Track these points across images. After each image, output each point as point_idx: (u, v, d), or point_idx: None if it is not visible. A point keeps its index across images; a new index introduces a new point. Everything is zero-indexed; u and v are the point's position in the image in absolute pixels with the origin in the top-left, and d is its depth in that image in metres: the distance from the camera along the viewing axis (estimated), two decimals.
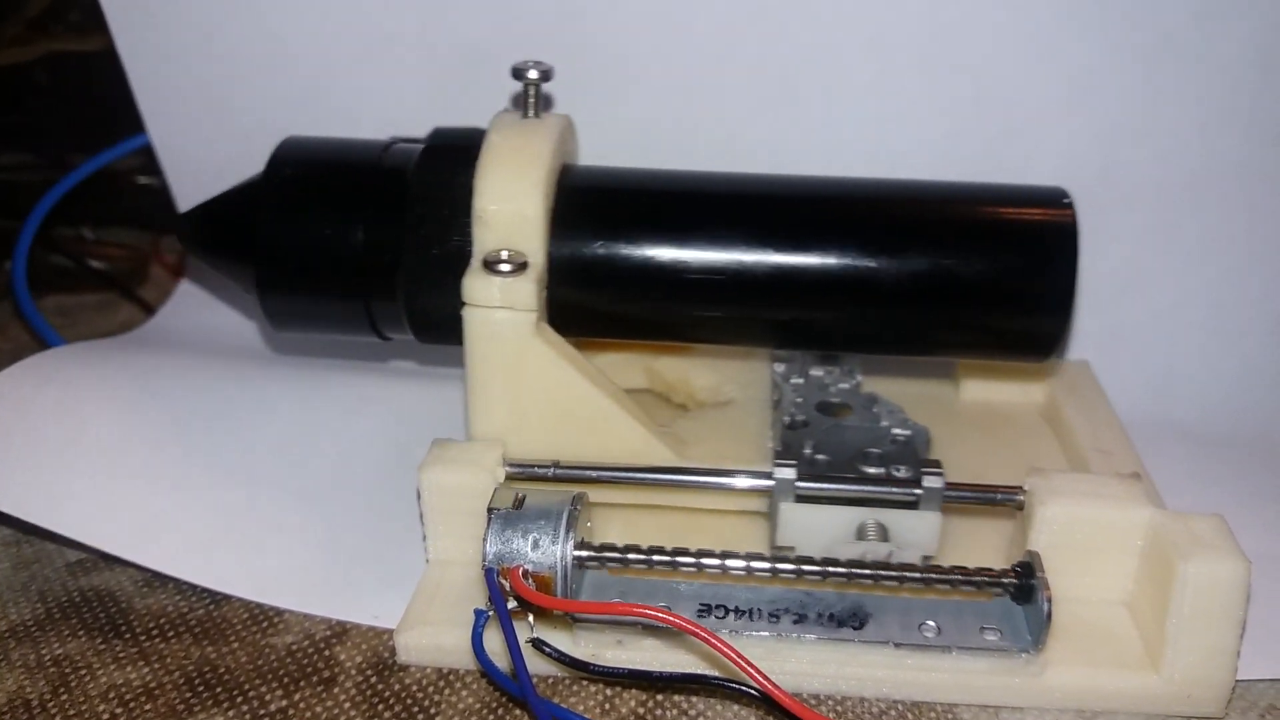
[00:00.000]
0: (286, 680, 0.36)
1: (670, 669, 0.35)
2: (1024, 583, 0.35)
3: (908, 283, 0.39)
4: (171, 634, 0.38)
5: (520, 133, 0.40)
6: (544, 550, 0.34)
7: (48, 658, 0.37)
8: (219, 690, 0.35)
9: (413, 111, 0.45)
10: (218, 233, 0.45)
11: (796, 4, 0.48)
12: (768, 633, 0.35)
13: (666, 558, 0.36)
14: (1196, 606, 0.34)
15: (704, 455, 0.41)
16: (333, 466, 0.45)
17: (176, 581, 0.40)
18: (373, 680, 0.36)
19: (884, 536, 0.37)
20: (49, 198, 0.56)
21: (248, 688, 0.36)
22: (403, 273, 0.41)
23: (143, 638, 0.38)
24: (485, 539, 0.34)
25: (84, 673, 0.36)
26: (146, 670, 0.36)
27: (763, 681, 0.31)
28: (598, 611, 0.34)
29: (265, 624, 0.38)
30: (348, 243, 0.42)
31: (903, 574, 0.35)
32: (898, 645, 0.35)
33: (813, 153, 0.50)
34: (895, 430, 0.40)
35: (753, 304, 0.40)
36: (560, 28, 0.50)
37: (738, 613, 0.36)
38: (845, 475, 0.38)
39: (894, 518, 0.37)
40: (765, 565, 0.35)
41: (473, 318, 0.38)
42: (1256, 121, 0.49)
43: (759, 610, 0.36)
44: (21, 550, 0.42)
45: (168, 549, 0.40)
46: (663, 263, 0.40)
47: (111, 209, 0.65)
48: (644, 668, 0.35)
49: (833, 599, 0.36)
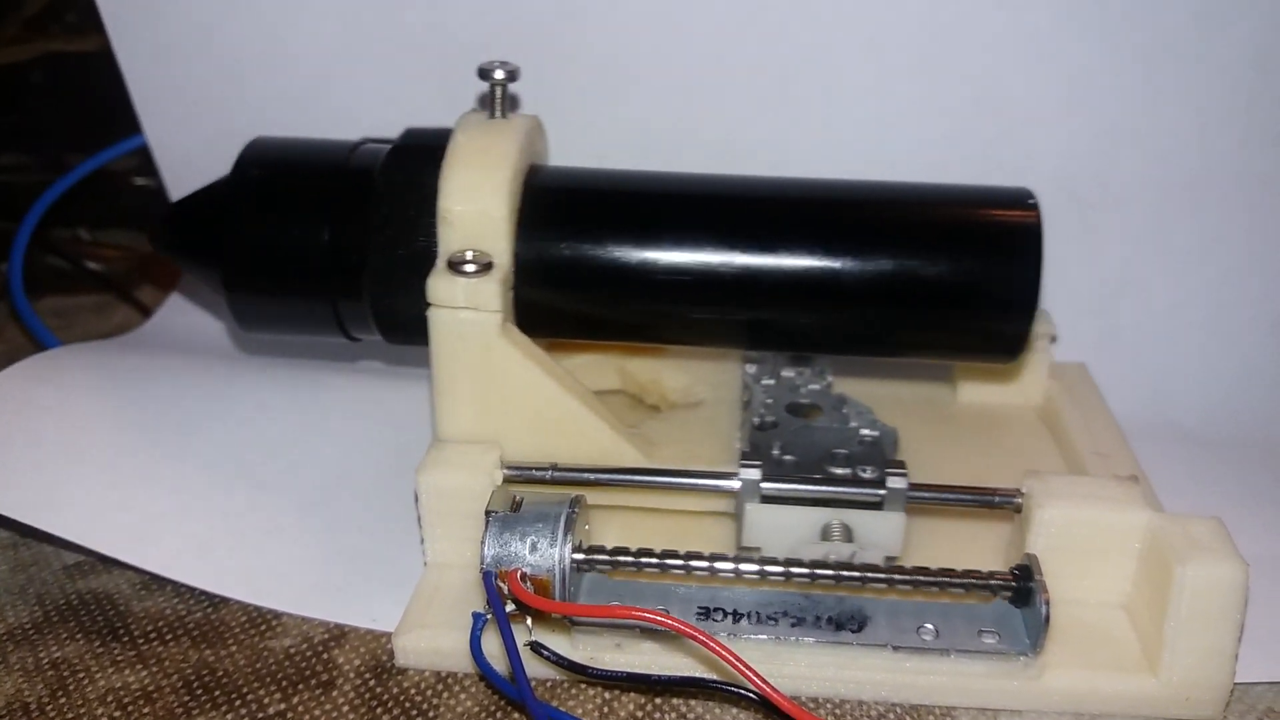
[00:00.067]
0: (285, 683, 0.36)
1: (668, 672, 0.35)
2: (1022, 586, 0.35)
3: (873, 284, 0.39)
4: (170, 637, 0.38)
5: (486, 133, 0.40)
6: (542, 553, 0.34)
7: (45, 661, 0.37)
8: (217, 693, 0.35)
9: (410, 113, 0.45)
10: (186, 233, 0.45)
11: (795, 5, 0.48)
12: (766, 636, 0.35)
13: (655, 560, 0.36)
14: (1195, 609, 0.34)
15: (672, 456, 0.41)
16: (331, 469, 0.45)
17: (174, 584, 0.39)
18: (371, 683, 0.36)
19: (848, 537, 0.37)
20: (45, 199, 0.56)
21: (246, 691, 0.36)
22: (368, 273, 0.41)
23: (140, 641, 0.38)
24: (483, 542, 0.34)
25: (82, 676, 0.36)
26: (145, 673, 0.36)
27: (761, 685, 0.31)
28: (596, 615, 0.34)
29: (263, 627, 0.38)
30: (314, 243, 0.41)
31: (905, 577, 0.35)
32: (896, 648, 0.35)
33: (812, 154, 0.49)
34: (863, 431, 0.40)
35: (718, 305, 0.40)
36: (559, 29, 0.49)
37: (736, 616, 0.36)
38: (810, 476, 0.38)
39: (859, 518, 0.37)
40: (733, 566, 0.35)
41: (438, 318, 0.38)
42: (1255, 122, 0.49)
43: (757, 613, 0.36)
44: (19, 553, 0.42)
45: (166, 551, 0.40)
46: (629, 263, 0.39)
47: (108, 210, 0.65)
48: (642, 671, 0.35)
49: (831, 602, 0.36)
